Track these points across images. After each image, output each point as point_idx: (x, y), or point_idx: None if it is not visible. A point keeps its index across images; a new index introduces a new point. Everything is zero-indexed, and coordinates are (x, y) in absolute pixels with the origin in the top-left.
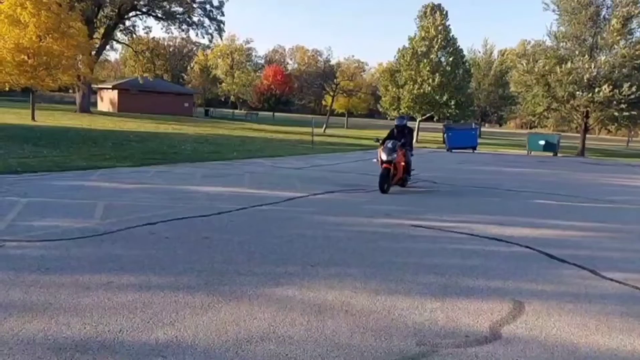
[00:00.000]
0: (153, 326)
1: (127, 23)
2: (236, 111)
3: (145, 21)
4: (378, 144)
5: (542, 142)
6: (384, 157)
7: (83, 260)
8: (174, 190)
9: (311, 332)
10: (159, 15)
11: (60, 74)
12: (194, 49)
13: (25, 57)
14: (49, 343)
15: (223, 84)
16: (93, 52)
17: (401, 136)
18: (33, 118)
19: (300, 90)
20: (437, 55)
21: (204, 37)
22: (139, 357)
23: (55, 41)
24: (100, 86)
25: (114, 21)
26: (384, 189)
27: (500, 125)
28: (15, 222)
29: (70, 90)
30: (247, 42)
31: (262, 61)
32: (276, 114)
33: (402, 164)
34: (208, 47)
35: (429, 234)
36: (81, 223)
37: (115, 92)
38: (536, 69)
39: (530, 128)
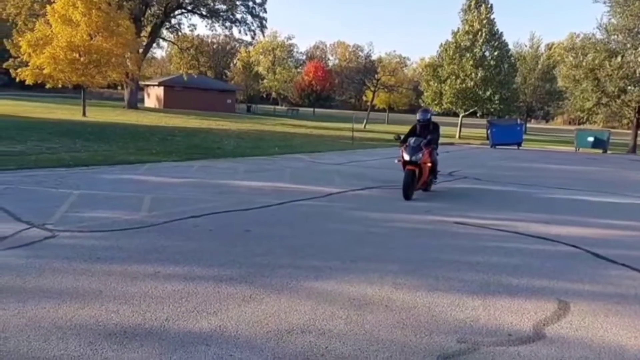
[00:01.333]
0: (197, 315)
1: (173, 21)
2: (277, 107)
3: (190, 19)
4: (398, 142)
5: (590, 139)
6: (406, 157)
7: (131, 251)
8: (217, 184)
9: (351, 325)
10: (204, 12)
11: (109, 71)
12: (237, 45)
13: (77, 55)
14: (100, 329)
15: (264, 81)
16: (140, 50)
17: (425, 132)
18: (84, 114)
19: (341, 86)
20: (481, 50)
21: (246, 34)
22: (184, 345)
23: (105, 39)
24: (147, 83)
25: (160, 19)
26: (407, 196)
27: (547, 121)
28: (67, 213)
29: (119, 87)
30: (289, 38)
31: (303, 57)
32: (317, 110)
33: (428, 164)
34: (250, 43)
35: (471, 232)
36: (129, 215)
37: (161, 88)
38: (584, 63)
39: (579, 124)
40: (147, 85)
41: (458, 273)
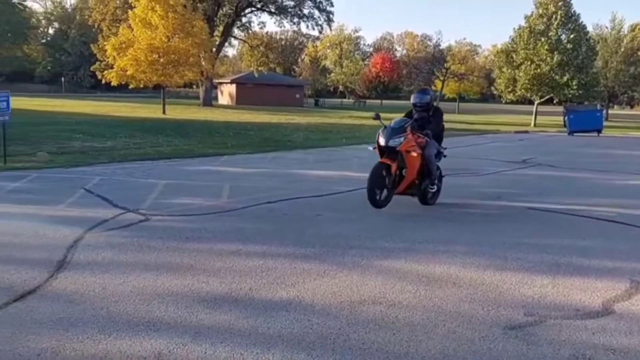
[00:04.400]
0: (277, 287)
1: (244, 20)
2: (344, 100)
3: (259, 17)
4: (378, 122)
5: None
6: (381, 141)
7: (215, 232)
8: (289, 173)
9: (419, 299)
10: (272, 10)
11: (186, 70)
12: (304, 41)
13: (157, 56)
14: (193, 296)
15: (332, 74)
16: (214, 49)
17: (423, 121)
18: (164, 112)
19: (409, 77)
20: (556, 33)
21: (314, 29)
22: (267, 310)
23: (181, 40)
24: (220, 81)
25: (231, 18)
26: (374, 200)
27: (632, 106)
28: (157, 200)
29: (194, 86)
30: (356, 31)
31: (370, 49)
32: (384, 101)
33: (413, 154)
34: (317, 38)
35: (543, 216)
36: (211, 201)
37: (234, 86)
38: None
39: None
40: (221, 83)
41: (527, 254)
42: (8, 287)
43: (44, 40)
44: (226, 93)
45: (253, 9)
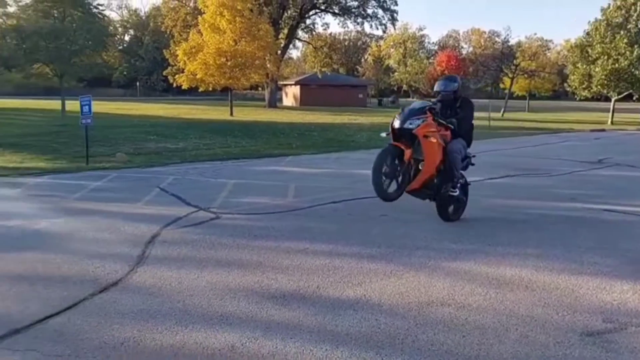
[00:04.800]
0: (344, 285)
1: (308, 21)
2: (409, 99)
3: (323, 18)
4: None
5: None
6: (396, 123)
7: (282, 230)
8: (352, 174)
9: (490, 301)
10: (336, 11)
11: (252, 73)
12: (368, 41)
13: (224, 60)
14: (263, 292)
15: (395, 74)
16: (279, 52)
17: (449, 112)
18: (231, 114)
19: (476, 74)
20: (636, 25)
21: (377, 29)
22: (335, 308)
23: (248, 44)
24: (284, 83)
25: (296, 21)
26: (381, 187)
27: None
28: (227, 199)
29: (260, 88)
30: (420, 29)
31: (435, 47)
32: None
33: (436, 148)
34: (381, 37)
35: (622, 219)
36: (277, 201)
37: (298, 87)
38: None
39: None
40: (285, 85)
41: (606, 259)
42: (93, 280)
43: (120, 47)
44: (290, 94)
45: (317, 10)
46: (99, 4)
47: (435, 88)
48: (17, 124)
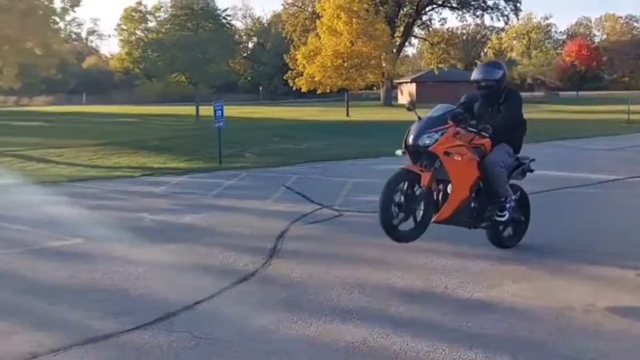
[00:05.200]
0: (474, 287)
1: (424, 18)
2: (534, 93)
3: (440, 13)
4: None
5: None
6: (409, 139)
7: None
8: None
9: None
10: (454, 5)
11: (368, 73)
12: (488, 34)
13: (341, 61)
14: (390, 289)
15: (518, 67)
16: (394, 50)
17: (490, 110)
18: (347, 114)
19: (611, 64)
20: None
21: (499, 20)
22: (465, 309)
23: (364, 44)
24: (400, 81)
25: (412, 18)
26: (390, 224)
27: None
28: (347, 197)
29: (374, 87)
30: (546, 18)
31: (563, 37)
32: (580, 92)
33: (464, 167)
34: (502, 29)
35: None
36: None
37: (414, 84)
38: None
39: None
40: (400, 83)
41: None
42: (232, 271)
43: (245, 54)
44: (406, 92)
45: (434, 5)
46: (227, 15)
47: (473, 77)
48: (158, 129)
